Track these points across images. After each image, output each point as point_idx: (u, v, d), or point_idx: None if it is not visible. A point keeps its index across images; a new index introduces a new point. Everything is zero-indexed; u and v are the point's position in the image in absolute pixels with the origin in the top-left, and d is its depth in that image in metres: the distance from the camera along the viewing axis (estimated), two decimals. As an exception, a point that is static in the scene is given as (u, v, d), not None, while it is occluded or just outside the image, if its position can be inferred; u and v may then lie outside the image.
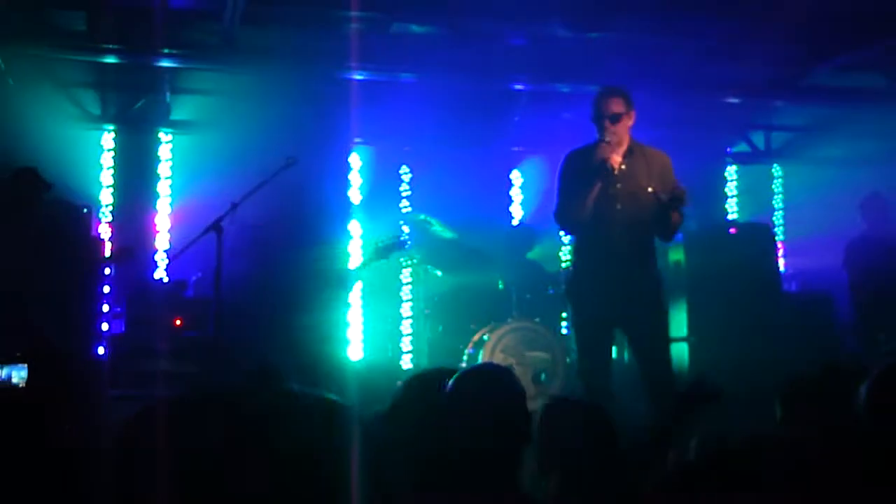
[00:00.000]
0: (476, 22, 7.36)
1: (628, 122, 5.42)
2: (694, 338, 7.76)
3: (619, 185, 5.34)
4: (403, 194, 9.67)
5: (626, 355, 8.31)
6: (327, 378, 6.64)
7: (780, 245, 9.76)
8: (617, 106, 5.38)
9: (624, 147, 5.39)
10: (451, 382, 2.82)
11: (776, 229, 10.39)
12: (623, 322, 5.47)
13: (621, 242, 5.36)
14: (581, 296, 5.51)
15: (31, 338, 5.91)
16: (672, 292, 7.71)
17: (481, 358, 7.77)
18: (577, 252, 5.71)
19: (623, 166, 5.35)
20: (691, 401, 3.32)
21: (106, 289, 8.31)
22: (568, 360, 7.97)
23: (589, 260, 5.50)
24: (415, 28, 7.78)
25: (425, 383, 2.90)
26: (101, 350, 7.65)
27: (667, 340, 5.63)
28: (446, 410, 2.73)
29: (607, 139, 5.33)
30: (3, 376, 4.55)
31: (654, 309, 5.46)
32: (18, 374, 4.20)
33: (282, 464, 1.66)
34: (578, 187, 5.35)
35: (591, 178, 5.31)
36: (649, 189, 5.34)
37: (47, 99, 8.31)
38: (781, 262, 9.81)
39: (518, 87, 8.75)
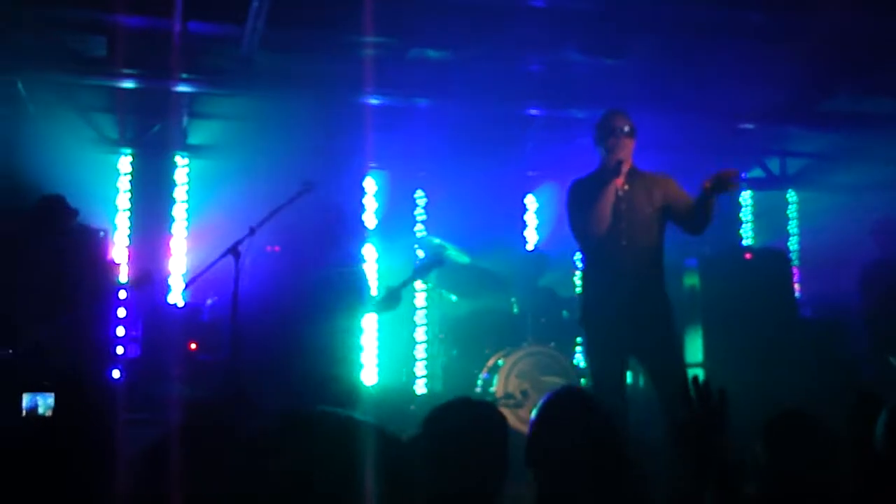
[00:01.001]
0: (492, 48, 7.39)
1: (633, 143, 5.52)
2: (709, 363, 7.73)
3: (623, 206, 5.41)
4: (418, 218, 9.69)
5: (640, 381, 8.30)
6: (341, 402, 6.63)
7: (795, 270, 9.74)
8: (628, 123, 5.49)
9: (626, 169, 5.48)
10: (427, 419, 2.79)
11: (791, 255, 10.37)
12: (636, 348, 5.48)
13: (628, 267, 5.41)
14: (592, 323, 5.53)
15: (57, 365, 5.93)
16: (687, 317, 7.70)
17: (496, 383, 7.76)
18: (585, 279, 5.75)
19: (626, 187, 5.44)
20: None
21: (122, 312, 8.34)
22: (583, 384, 7.95)
23: (598, 286, 5.54)
24: (431, 53, 7.82)
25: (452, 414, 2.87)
26: (116, 373, 7.66)
27: (682, 363, 5.63)
28: (422, 449, 2.67)
29: (620, 155, 5.42)
30: (28, 405, 4.56)
31: (665, 333, 5.48)
32: (45, 403, 4.20)
33: (299, 488, 1.67)
34: (590, 206, 5.40)
35: (599, 194, 5.38)
36: (652, 211, 5.43)
37: (66, 123, 8.37)
38: (797, 288, 9.80)
39: (533, 112, 8.78)
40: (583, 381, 7.91)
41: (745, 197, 10.60)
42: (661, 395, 5.41)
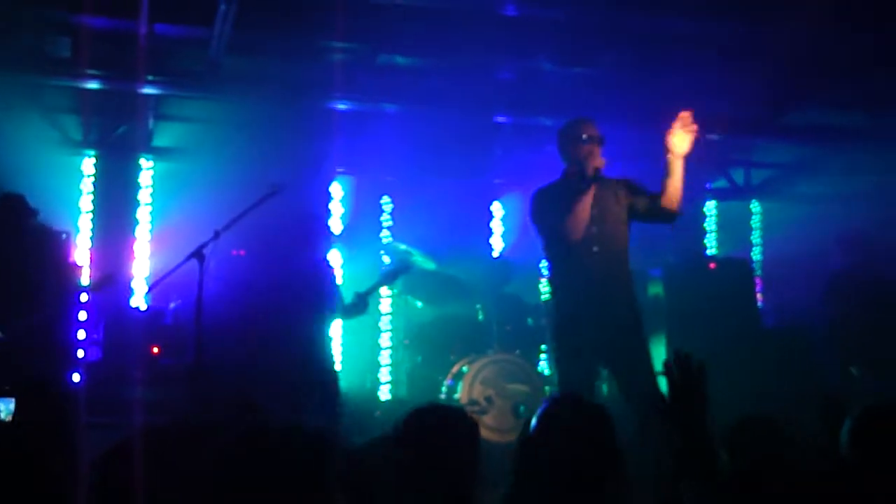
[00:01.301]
0: (461, 55, 7.40)
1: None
2: (673, 372, 7.75)
3: (595, 212, 5.42)
4: (384, 224, 9.68)
5: (604, 388, 8.33)
6: (307, 407, 6.60)
7: (758, 280, 9.82)
8: (597, 131, 5.53)
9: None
10: (398, 424, 2.78)
11: (754, 264, 10.46)
12: (606, 355, 5.49)
13: (599, 273, 5.42)
14: (562, 329, 5.53)
15: (16, 368, 5.85)
16: (651, 326, 7.73)
17: (460, 389, 7.76)
18: (554, 285, 5.74)
19: (599, 193, 5.47)
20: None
21: (83, 315, 8.24)
22: (547, 391, 7.96)
23: (568, 292, 5.53)
24: (400, 60, 7.82)
25: (424, 420, 2.84)
26: (76, 377, 7.57)
27: (652, 369, 5.63)
28: (391, 454, 2.66)
29: (595, 162, 5.43)
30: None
31: (635, 338, 5.50)
32: (5, 408, 4.14)
33: (263, 494, 1.65)
34: (564, 213, 5.39)
35: (573, 202, 5.38)
36: (620, 212, 5.46)
37: (29, 124, 8.28)
38: (759, 297, 9.88)
39: (500, 119, 8.79)
40: (547, 388, 7.93)
41: (710, 207, 10.68)
42: (630, 401, 5.42)
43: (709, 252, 10.50)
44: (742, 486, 2.71)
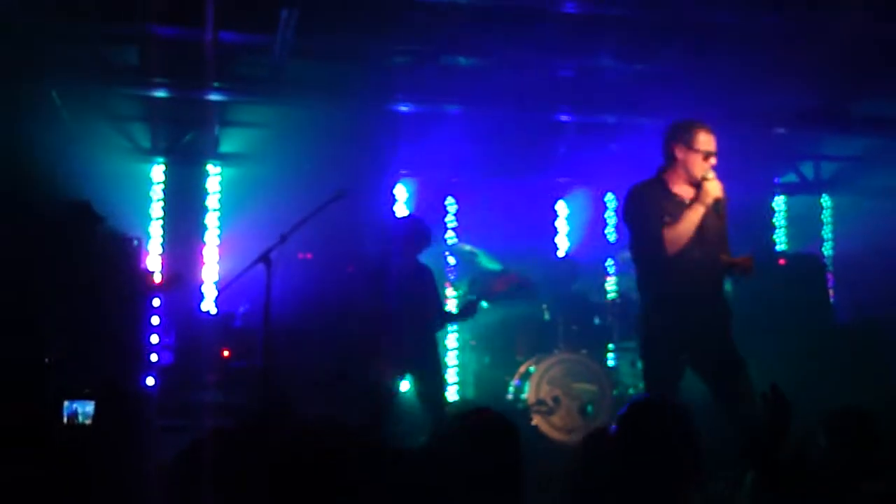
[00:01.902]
0: (522, 54, 7.38)
1: None
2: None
3: (702, 223, 5.29)
4: (449, 225, 9.69)
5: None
6: (375, 409, 6.63)
7: (830, 276, 9.64)
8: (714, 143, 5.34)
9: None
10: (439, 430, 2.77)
11: (826, 260, 10.26)
12: (697, 355, 5.35)
13: (698, 275, 5.29)
14: (660, 328, 5.33)
15: (95, 373, 5.96)
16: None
17: (527, 390, 7.74)
18: (651, 289, 5.46)
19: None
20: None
21: (155, 320, 8.38)
22: (615, 392, 7.91)
23: (666, 299, 5.32)
24: (462, 60, 7.82)
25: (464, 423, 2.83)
26: (150, 381, 7.70)
27: (744, 369, 5.45)
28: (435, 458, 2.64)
29: (710, 175, 5.26)
30: (69, 412, 4.57)
31: (727, 340, 5.40)
32: (84, 411, 4.22)
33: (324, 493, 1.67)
34: (663, 217, 5.24)
35: (687, 209, 5.24)
36: (718, 222, 5.34)
37: (100, 133, 8.45)
38: (831, 293, 9.70)
39: (564, 118, 8.75)
40: (615, 389, 7.87)
41: (779, 202, 10.52)
42: (721, 398, 5.29)
43: (778, 248, 10.33)
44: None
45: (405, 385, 6.93)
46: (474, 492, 2.53)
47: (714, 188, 5.20)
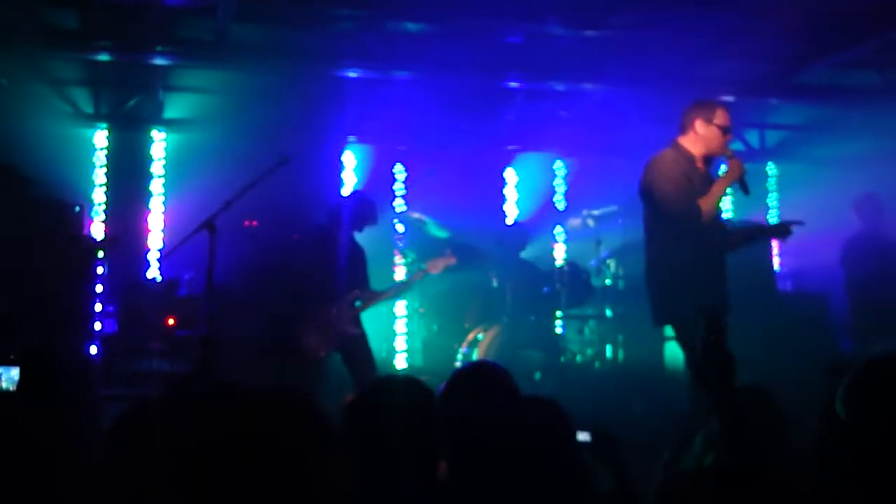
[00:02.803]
0: (471, 20, 7.33)
1: None
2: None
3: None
4: (398, 193, 9.65)
5: (620, 355, 8.31)
6: (321, 376, 6.61)
7: (774, 244, 9.74)
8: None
9: None
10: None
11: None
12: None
13: (719, 248, 5.45)
14: (692, 292, 5.35)
15: (23, 338, 5.86)
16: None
17: (475, 357, 7.75)
18: (675, 257, 5.48)
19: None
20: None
21: (98, 288, 8.27)
22: (562, 359, 7.96)
23: (697, 259, 5.38)
24: (410, 26, 7.74)
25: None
26: (93, 349, 7.61)
27: None
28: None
29: (729, 153, 5.40)
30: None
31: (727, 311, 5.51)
32: (9, 377, 4.13)
33: (268, 459, 1.65)
34: (694, 191, 5.31)
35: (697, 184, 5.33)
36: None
37: (41, 98, 8.28)
38: (776, 262, 9.81)
39: (513, 84, 8.72)
40: (562, 355, 7.91)
41: (724, 169, 10.58)
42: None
43: (724, 216, 10.41)
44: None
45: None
46: (390, 455, 2.55)
47: (736, 165, 5.37)
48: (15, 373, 4.19)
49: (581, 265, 8.50)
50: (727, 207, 5.17)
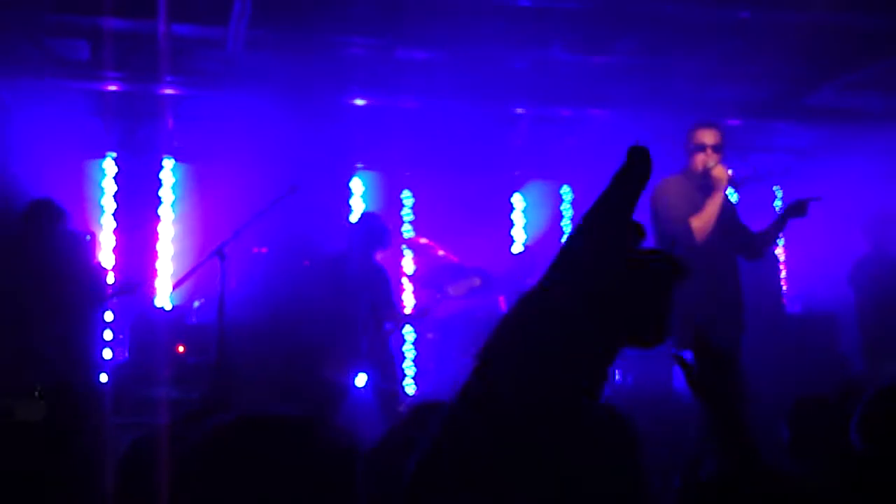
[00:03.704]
0: (478, 47, 7.38)
1: None
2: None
3: (721, 216, 5.49)
4: (406, 219, 9.69)
5: (629, 377, 8.30)
6: (331, 403, 6.62)
7: (782, 266, 9.75)
8: (714, 137, 5.61)
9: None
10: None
11: (777, 249, 10.37)
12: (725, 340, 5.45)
13: (725, 262, 5.48)
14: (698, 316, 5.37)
15: (46, 371, 5.89)
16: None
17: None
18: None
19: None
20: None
21: (109, 316, 8.30)
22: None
23: (702, 281, 5.40)
24: (417, 54, 7.80)
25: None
26: (103, 378, 7.63)
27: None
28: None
29: (711, 163, 5.50)
30: (18, 410, 4.51)
31: (741, 328, 5.55)
32: (35, 409, 4.16)
33: (279, 490, 1.66)
34: (694, 207, 5.39)
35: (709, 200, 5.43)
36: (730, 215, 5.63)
37: (50, 126, 8.34)
38: (783, 283, 9.81)
39: (519, 110, 8.77)
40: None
41: (731, 192, 10.59)
42: None
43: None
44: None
45: (362, 381, 6.91)
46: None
47: (720, 172, 5.42)
48: (40, 405, 4.23)
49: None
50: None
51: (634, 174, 1.24)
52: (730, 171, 5.55)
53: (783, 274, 9.81)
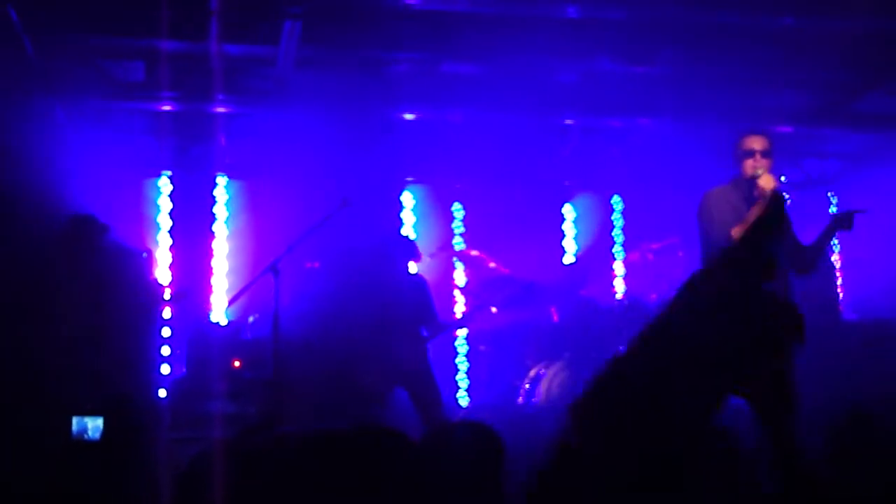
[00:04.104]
0: (524, 59, 7.40)
1: None
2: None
3: None
4: (456, 231, 9.72)
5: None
6: (373, 414, 6.66)
7: (838, 273, 9.64)
8: (763, 143, 5.55)
9: None
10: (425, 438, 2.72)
11: (833, 256, 10.25)
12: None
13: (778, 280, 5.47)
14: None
15: (103, 387, 5.99)
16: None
17: (539, 394, 7.75)
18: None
19: None
20: None
21: (166, 331, 8.44)
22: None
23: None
24: (464, 67, 7.84)
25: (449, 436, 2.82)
26: (161, 393, 7.75)
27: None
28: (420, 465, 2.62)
29: (759, 172, 5.47)
30: (77, 429, 4.57)
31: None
32: (94, 427, 4.23)
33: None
34: (739, 219, 5.38)
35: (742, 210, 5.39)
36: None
37: (106, 146, 8.51)
38: (840, 290, 9.69)
39: (568, 121, 8.77)
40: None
41: (785, 198, 10.49)
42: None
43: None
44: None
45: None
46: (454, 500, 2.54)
47: (766, 182, 5.39)
48: (98, 422, 4.29)
49: (641, 299, 8.47)
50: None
51: (768, 219, 1.30)
52: (781, 179, 5.50)
53: (839, 281, 9.68)
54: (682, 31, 7.02)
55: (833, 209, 10.67)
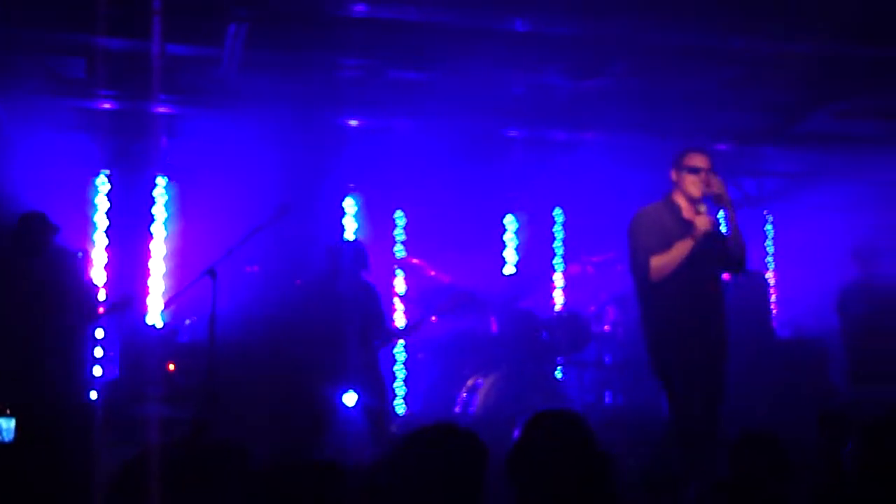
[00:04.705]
0: (472, 70, 7.42)
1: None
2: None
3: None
4: (398, 239, 9.71)
5: (619, 401, 8.32)
6: (321, 423, 6.63)
7: (772, 291, 9.79)
8: (705, 161, 5.54)
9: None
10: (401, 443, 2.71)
11: (768, 275, 10.42)
12: (707, 370, 5.44)
13: (710, 293, 5.45)
14: (683, 344, 5.38)
15: (20, 387, 5.88)
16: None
17: (476, 403, 7.76)
18: (668, 302, 5.48)
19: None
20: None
21: (100, 333, 8.30)
22: (562, 405, 7.96)
23: (684, 310, 5.41)
24: (411, 75, 7.84)
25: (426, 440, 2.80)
26: (93, 395, 7.62)
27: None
28: (395, 469, 2.60)
29: (702, 209, 5.46)
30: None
31: (727, 358, 5.53)
32: (7, 429, 4.12)
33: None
34: (666, 243, 5.37)
35: (679, 235, 5.38)
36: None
37: (43, 143, 8.36)
38: (773, 308, 9.86)
39: (513, 133, 8.81)
40: (563, 401, 7.93)
41: (721, 217, 10.64)
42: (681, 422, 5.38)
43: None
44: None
45: (351, 399, 6.92)
46: None
47: (702, 223, 5.41)
48: (10, 424, 4.19)
49: (580, 312, 8.53)
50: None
51: None
52: (713, 222, 5.47)
53: (773, 298, 9.84)
54: (629, 48, 7.09)
55: (769, 227, 10.86)
